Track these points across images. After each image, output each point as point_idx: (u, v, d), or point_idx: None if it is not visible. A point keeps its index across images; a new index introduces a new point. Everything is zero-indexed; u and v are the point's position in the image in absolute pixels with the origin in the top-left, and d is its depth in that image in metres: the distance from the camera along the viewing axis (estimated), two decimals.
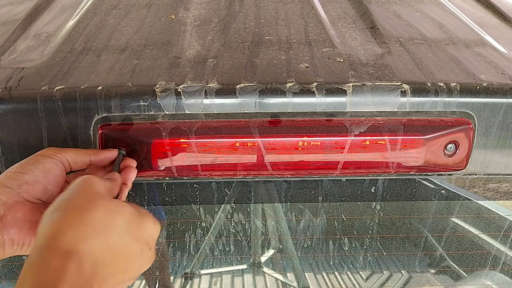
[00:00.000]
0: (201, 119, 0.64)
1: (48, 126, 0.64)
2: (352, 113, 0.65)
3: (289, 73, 0.67)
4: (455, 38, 0.82)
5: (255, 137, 0.64)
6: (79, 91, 0.64)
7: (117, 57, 0.72)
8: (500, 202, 0.79)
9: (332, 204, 0.77)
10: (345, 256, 0.82)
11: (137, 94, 0.63)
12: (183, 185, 0.72)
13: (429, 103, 0.66)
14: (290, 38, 0.78)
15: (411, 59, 0.73)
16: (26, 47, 0.78)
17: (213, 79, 0.65)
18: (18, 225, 0.51)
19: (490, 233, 0.83)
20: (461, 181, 0.74)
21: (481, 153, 0.70)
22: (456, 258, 0.84)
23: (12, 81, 0.66)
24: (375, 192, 0.74)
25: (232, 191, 0.73)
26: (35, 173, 0.53)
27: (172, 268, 0.83)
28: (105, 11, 0.90)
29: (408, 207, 0.78)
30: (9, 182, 0.52)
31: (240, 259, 0.83)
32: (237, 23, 0.84)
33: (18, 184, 0.52)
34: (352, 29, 0.84)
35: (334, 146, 0.65)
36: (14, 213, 0.51)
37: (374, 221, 0.79)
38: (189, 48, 0.75)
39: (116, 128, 0.64)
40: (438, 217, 0.80)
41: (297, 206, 0.77)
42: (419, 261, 0.85)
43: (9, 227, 0.50)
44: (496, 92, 0.67)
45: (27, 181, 0.52)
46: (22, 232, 0.51)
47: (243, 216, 0.77)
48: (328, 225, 0.79)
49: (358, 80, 0.66)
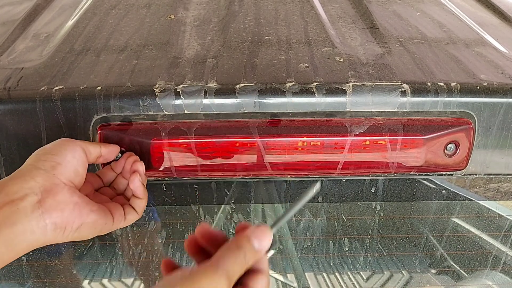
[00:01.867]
0: (200, 119, 0.64)
1: (47, 126, 0.64)
2: (352, 113, 0.65)
3: (289, 73, 0.67)
4: (455, 37, 0.82)
5: (255, 137, 0.64)
6: (78, 91, 0.63)
7: (116, 57, 0.72)
8: (501, 202, 0.79)
9: (332, 204, 0.76)
10: (345, 257, 0.82)
11: (136, 94, 0.63)
12: (182, 186, 0.72)
13: (429, 103, 0.66)
14: (290, 38, 0.78)
15: (411, 59, 0.73)
16: (25, 47, 0.77)
17: (213, 79, 0.65)
18: (59, 207, 0.49)
19: (491, 233, 0.82)
20: (461, 181, 0.74)
21: (482, 153, 0.70)
22: (456, 258, 0.84)
23: (11, 82, 0.66)
24: (375, 192, 0.74)
25: (232, 192, 0.73)
26: (65, 154, 0.52)
27: None
28: (104, 11, 0.89)
29: (409, 207, 0.78)
30: (41, 164, 0.51)
31: None
32: (236, 23, 0.84)
33: (51, 165, 0.51)
34: (352, 29, 0.84)
35: (334, 146, 0.65)
36: (54, 195, 0.49)
37: (375, 221, 0.78)
38: (188, 48, 0.75)
39: (115, 128, 0.64)
40: (439, 217, 0.80)
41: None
42: (420, 261, 0.84)
43: (51, 210, 0.48)
44: (497, 91, 0.67)
45: (60, 162, 0.51)
46: (64, 214, 0.49)
47: (242, 217, 0.77)
48: (328, 225, 0.79)
49: (358, 80, 0.66)
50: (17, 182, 0.48)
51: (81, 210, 0.51)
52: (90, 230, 0.53)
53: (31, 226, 0.47)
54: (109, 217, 0.55)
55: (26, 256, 0.77)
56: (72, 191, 0.51)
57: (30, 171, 0.50)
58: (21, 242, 0.47)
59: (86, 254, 0.78)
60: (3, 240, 0.45)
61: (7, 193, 0.47)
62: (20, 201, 0.47)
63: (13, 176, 0.49)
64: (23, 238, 0.47)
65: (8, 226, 0.46)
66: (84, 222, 0.51)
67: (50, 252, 0.78)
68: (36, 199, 0.48)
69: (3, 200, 0.46)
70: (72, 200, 0.51)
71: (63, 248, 0.78)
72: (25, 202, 0.47)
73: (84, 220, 0.51)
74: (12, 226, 0.46)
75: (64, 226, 0.50)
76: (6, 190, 0.47)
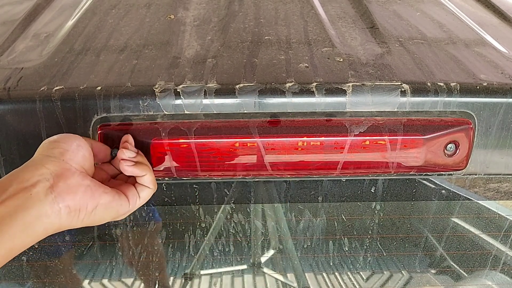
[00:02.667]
0: (200, 119, 0.64)
1: (47, 126, 0.64)
2: (352, 113, 0.65)
3: (289, 73, 0.67)
4: (455, 37, 0.82)
5: (255, 137, 0.64)
6: (78, 91, 0.63)
7: (116, 57, 0.72)
8: (501, 202, 0.79)
9: (332, 204, 0.76)
10: (345, 257, 0.82)
11: (136, 94, 0.63)
12: (182, 186, 0.72)
13: (429, 103, 0.66)
14: (290, 38, 0.78)
15: (411, 59, 0.73)
16: (25, 47, 0.77)
17: (213, 79, 0.65)
18: (72, 190, 0.51)
19: (491, 233, 0.82)
20: (461, 181, 0.74)
21: (481, 153, 0.70)
22: (456, 258, 0.84)
23: (11, 82, 0.66)
24: (375, 192, 0.74)
25: (232, 192, 0.73)
26: (70, 142, 0.54)
27: (172, 268, 0.83)
28: (104, 11, 0.89)
29: (408, 207, 0.78)
30: (50, 152, 0.52)
31: (240, 260, 0.83)
32: (236, 23, 0.84)
33: (59, 152, 0.52)
34: (352, 28, 0.84)
35: (334, 146, 0.65)
36: (65, 179, 0.51)
37: (374, 221, 0.78)
38: (188, 48, 0.75)
39: (115, 128, 0.64)
40: (439, 217, 0.80)
41: (297, 206, 0.77)
42: (420, 261, 0.84)
43: (63, 194, 0.50)
44: (496, 91, 0.67)
45: (67, 148, 0.53)
46: (77, 197, 0.51)
47: (242, 217, 0.77)
48: (328, 226, 0.79)
49: (357, 80, 0.66)
50: (29, 170, 0.50)
51: (93, 192, 0.52)
52: (107, 212, 0.54)
53: (45, 210, 0.48)
54: (123, 197, 0.56)
55: (26, 256, 0.77)
56: (83, 175, 0.53)
57: (41, 159, 0.52)
58: (37, 226, 0.48)
59: (86, 254, 0.78)
60: (19, 224, 0.47)
61: (20, 181, 0.49)
62: (33, 187, 0.48)
63: (25, 166, 0.51)
64: (39, 222, 0.48)
65: (23, 211, 0.47)
66: (98, 203, 0.53)
67: (50, 252, 0.78)
68: (48, 184, 0.49)
69: (16, 187, 0.48)
70: (83, 183, 0.52)
71: (63, 248, 0.78)
72: (37, 188, 0.48)
73: (98, 202, 0.53)
74: (26, 211, 0.47)
75: (78, 208, 0.51)
76: (19, 178, 0.49)
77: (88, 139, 0.58)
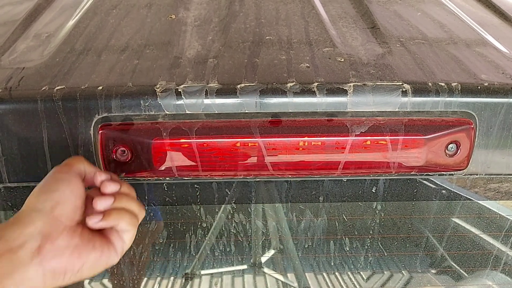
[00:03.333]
0: (201, 119, 0.64)
1: (49, 126, 0.64)
2: (353, 113, 0.65)
3: (290, 73, 0.67)
4: (456, 37, 0.82)
5: (256, 137, 0.64)
6: (79, 91, 0.63)
7: (118, 57, 0.72)
8: (501, 202, 0.79)
9: (333, 204, 0.76)
10: (346, 257, 0.82)
11: (137, 94, 0.63)
12: (183, 186, 0.72)
13: (430, 103, 0.66)
14: (291, 38, 0.78)
15: (412, 59, 0.73)
16: (26, 47, 0.78)
17: (214, 79, 0.65)
18: (58, 253, 0.49)
19: (491, 233, 0.83)
20: (462, 181, 0.74)
21: (482, 153, 0.70)
22: (457, 258, 0.84)
23: (12, 81, 0.66)
24: (376, 192, 0.74)
25: (233, 192, 0.73)
26: (63, 189, 0.52)
27: (173, 268, 0.83)
28: (105, 11, 0.90)
29: (409, 207, 0.78)
30: (41, 204, 0.50)
31: (241, 260, 0.83)
32: (237, 23, 0.84)
33: (50, 206, 0.50)
34: (352, 28, 0.84)
35: (335, 146, 0.65)
36: (53, 241, 0.49)
37: (375, 221, 0.79)
38: (189, 48, 0.75)
39: (117, 128, 0.64)
40: (439, 217, 0.80)
41: (298, 206, 0.77)
42: (420, 261, 0.84)
43: (49, 258, 0.48)
44: (497, 92, 0.67)
45: (59, 200, 0.51)
46: (63, 259, 0.49)
47: (243, 217, 0.77)
48: (329, 225, 0.79)
49: (359, 80, 0.66)
50: (16, 227, 0.48)
51: (81, 252, 0.51)
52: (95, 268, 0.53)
53: (29, 274, 0.47)
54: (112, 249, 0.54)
55: None
56: (72, 232, 0.51)
57: (30, 214, 0.50)
58: None
59: None
60: None
61: (6, 239, 0.47)
62: (19, 248, 0.47)
63: (13, 221, 0.49)
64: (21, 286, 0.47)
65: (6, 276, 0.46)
66: (84, 263, 0.51)
67: None
68: (36, 246, 0.48)
69: (2, 247, 0.46)
70: (71, 243, 0.50)
71: None
72: (23, 250, 0.47)
73: (84, 261, 0.51)
74: (10, 275, 0.46)
75: (63, 271, 0.50)
76: (6, 236, 0.47)
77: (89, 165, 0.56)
